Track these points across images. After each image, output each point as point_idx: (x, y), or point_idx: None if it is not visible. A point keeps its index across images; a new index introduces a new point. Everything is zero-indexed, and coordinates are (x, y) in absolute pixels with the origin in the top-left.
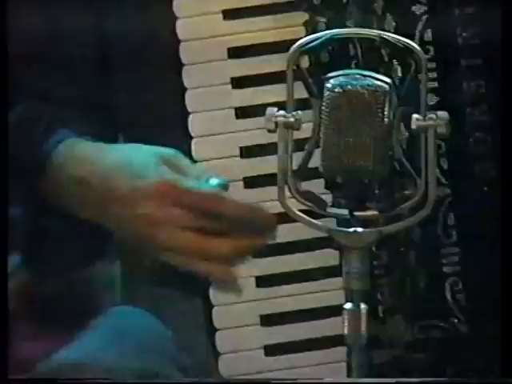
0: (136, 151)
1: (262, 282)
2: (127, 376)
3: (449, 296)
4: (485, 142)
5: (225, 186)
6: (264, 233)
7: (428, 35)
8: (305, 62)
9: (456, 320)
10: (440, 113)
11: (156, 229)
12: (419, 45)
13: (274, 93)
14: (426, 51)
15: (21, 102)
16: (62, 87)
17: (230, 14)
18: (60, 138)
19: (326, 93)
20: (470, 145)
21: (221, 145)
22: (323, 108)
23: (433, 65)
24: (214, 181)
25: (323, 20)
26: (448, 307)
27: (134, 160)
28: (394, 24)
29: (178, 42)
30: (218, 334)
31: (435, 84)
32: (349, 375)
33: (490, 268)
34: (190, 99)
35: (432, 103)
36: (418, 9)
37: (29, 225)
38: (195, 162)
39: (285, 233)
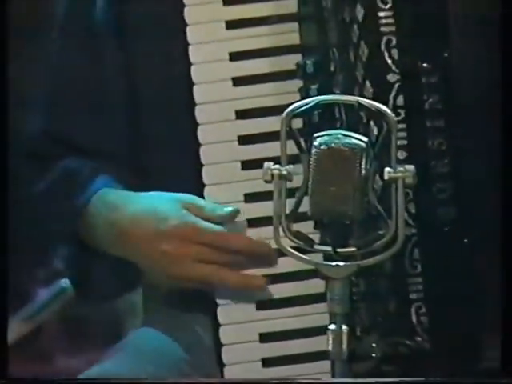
0: (159, 198)
1: (262, 305)
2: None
3: (414, 318)
4: (445, 190)
5: (237, 212)
6: (268, 264)
7: (400, 100)
8: (298, 123)
9: (419, 338)
10: (408, 166)
11: (177, 262)
12: (392, 109)
13: (273, 149)
14: (398, 114)
15: (61, 155)
16: (97, 140)
17: (238, 81)
18: (95, 189)
19: (314, 149)
20: (432, 193)
21: (229, 192)
22: (311, 162)
23: (403, 125)
24: (227, 209)
25: (315, 86)
26: (413, 328)
27: (158, 206)
28: (371, 90)
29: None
30: (223, 348)
31: (404, 142)
32: None
33: (448, 294)
34: (203, 154)
35: (401, 158)
36: (391, 77)
37: (72, 259)
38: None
39: (279, 265)
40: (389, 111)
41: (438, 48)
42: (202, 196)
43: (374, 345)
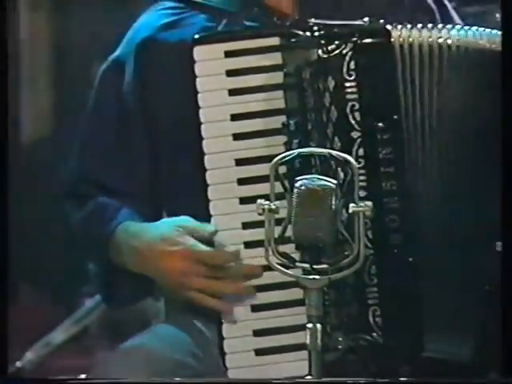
0: (165, 225)
1: (255, 308)
2: (163, 360)
3: (371, 319)
4: (395, 221)
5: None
6: (249, 278)
7: (361, 152)
8: (283, 169)
9: (375, 334)
10: (367, 202)
11: (179, 277)
12: (355, 158)
13: (264, 188)
14: (359, 162)
15: (93, 194)
16: (121, 183)
17: (237, 136)
18: (119, 222)
19: (295, 189)
20: (385, 222)
21: (230, 221)
22: (293, 199)
23: (363, 171)
24: (211, 227)
25: (296, 141)
26: (370, 326)
27: (165, 233)
28: (339, 144)
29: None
30: (225, 341)
31: (364, 184)
32: (309, 370)
33: (397, 300)
34: (210, 192)
35: (362, 196)
36: (354, 134)
37: (102, 275)
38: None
39: (269, 277)
40: (352, 160)
41: (390, 112)
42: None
43: (340, 339)
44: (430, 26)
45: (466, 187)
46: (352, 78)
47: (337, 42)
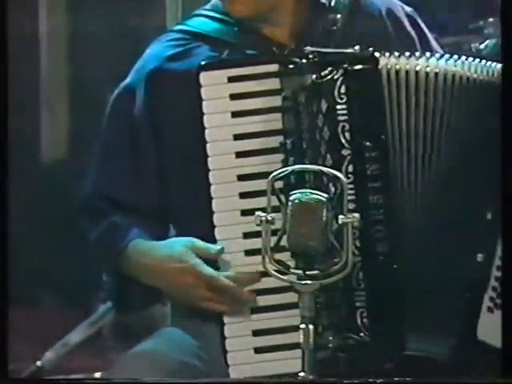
0: (172, 245)
1: (254, 310)
2: (171, 362)
3: (359, 320)
4: (381, 231)
5: (222, 250)
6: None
7: (350, 168)
8: (280, 184)
9: (362, 334)
10: (355, 214)
11: (185, 289)
12: (344, 174)
13: (262, 201)
14: (348, 178)
15: (107, 211)
16: (132, 202)
17: (239, 154)
18: (130, 239)
19: (290, 203)
20: (371, 233)
21: (232, 232)
22: (288, 211)
23: (352, 186)
24: (216, 247)
25: (292, 158)
26: (358, 327)
27: (171, 252)
28: (331, 161)
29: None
30: (226, 340)
31: (353, 197)
32: (303, 367)
33: (382, 304)
34: (215, 204)
35: (351, 208)
36: (344, 152)
37: (115, 285)
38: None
39: (266, 282)
40: (342, 176)
41: (377, 132)
42: (213, 235)
43: (330, 338)
44: (417, 54)
45: (446, 200)
46: (343, 100)
47: (329, 68)
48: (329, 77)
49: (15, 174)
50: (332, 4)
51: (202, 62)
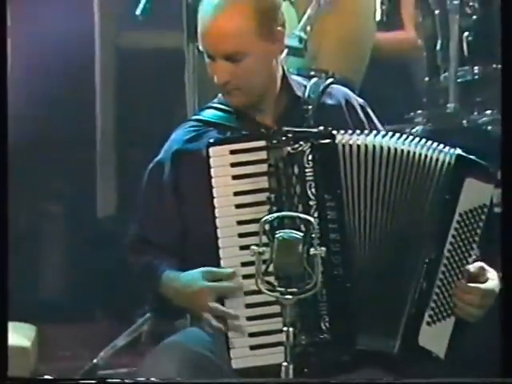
0: (191, 275)
1: (249, 318)
2: (189, 352)
3: (322, 324)
4: (338, 259)
5: (233, 273)
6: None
7: (315, 214)
8: (268, 226)
9: (325, 334)
10: (322, 247)
11: (199, 309)
12: (313, 217)
13: (255, 239)
14: (315, 220)
15: (145, 250)
16: (163, 244)
17: (238, 206)
18: (162, 271)
19: (275, 239)
20: (331, 260)
21: (233, 261)
22: (274, 245)
23: (317, 227)
24: (227, 271)
25: (275, 208)
26: (322, 329)
27: (190, 280)
28: (301, 209)
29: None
30: (230, 340)
31: (318, 235)
32: (285, 358)
33: (341, 311)
34: (221, 243)
35: (318, 243)
36: (311, 202)
37: (155, 304)
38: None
39: (258, 298)
40: (312, 220)
41: (335, 188)
42: (219, 264)
43: (303, 337)
44: (365, 132)
45: (387, 238)
46: (310, 166)
47: (300, 143)
48: (300, 149)
49: (77, 227)
50: (305, 97)
51: (211, 140)
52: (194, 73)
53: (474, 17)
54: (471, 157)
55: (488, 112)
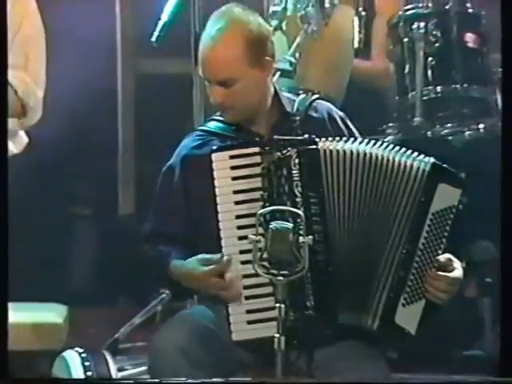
0: (194, 261)
1: (247, 298)
2: (196, 323)
3: (308, 302)
4: (321, 247)
5: (230, 260)
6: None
7: (302, 209)
8: (262, 218)
9: (310, 311)
10: (309, 236)
11: (203, 288)
12: (300, 210)
13: (252, 230)
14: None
15: (157, 241)
16: (173, 236)
17: (237, 202)
18: (171, 259)
19: (269, 230)
20: (315, 248)
21: (233, 249)
22: (268, 235)
23: (304, 219)
24: (226, 257)
25: (267, 204)
26: (307, 306)
27: (194, 265)
28: (291, 204)
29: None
30: (230, 316)
31: (305, 226)
32: (277, 331)
33: (324, 291)
34: (222, 234)
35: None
36: (298, 199)
37: (167, 286)
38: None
39: (255, 280)
40: (301, 213)
41: (317, 186)
42: (221, 252)
43: (292, 313)
44: (344, 139)
45: (364, 229)
46: (296, 168)
47: (288, 149)
48: (288, 154)
49: (101, 225)
50: (294, 110)
51: (214, 147)
52: (200, 93)
53: (437, 44)
54: (444, 165)
55: (449, 125)
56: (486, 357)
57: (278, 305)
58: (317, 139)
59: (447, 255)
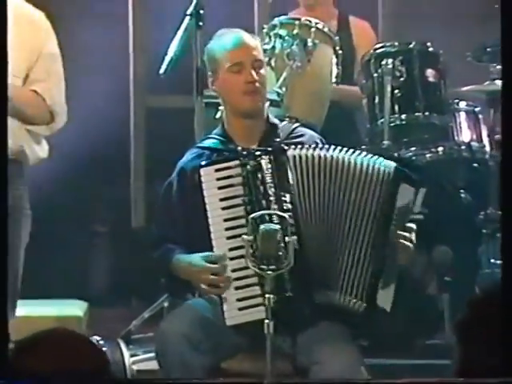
0: (193, 257)
1: (237, 288)
2: (196, 313)
3: (286, 286)
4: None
5: (223, 256)
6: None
7: (279, 213)
8: (253, 221)
9: (289, 293)
10: (294, 236)
11: (200, 281)
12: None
13: (242, 230)
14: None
15: (162, 242)
16: (174, 237)
17: (224, 208)
18: (174, 255)
19: (259, 230)
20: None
21: (224, 247)
22: (258, 235)
23: (292, 221)
24: (219, 255)
25: (249, 207)
26: (287, 290)
27: (192, 260)
28: (266, 208)
29: None
30: (223, 305)
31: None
32: (266, 316)
33: (302, 278)
34: (213, 234)
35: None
36: (271, 202)
37: (169, 280)
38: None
39: (246, 272)
40: (286, 216)
41: (289, 191)
42: (212, 250)
43: (272, 297)
44: (312, 146)
45: (332, 221)
46: (269, 172)
47: (263, 157)
48: (261, 161)
49: (116, 237)
50: (279, 127)
51: (202, 163)
52: (200, 120)
53: (402, 78)
54: (403, 169)
55: (413, 148)
56: (444, 345)
57: (267, 296)
58: (286, 147)
59: (411, 224)
